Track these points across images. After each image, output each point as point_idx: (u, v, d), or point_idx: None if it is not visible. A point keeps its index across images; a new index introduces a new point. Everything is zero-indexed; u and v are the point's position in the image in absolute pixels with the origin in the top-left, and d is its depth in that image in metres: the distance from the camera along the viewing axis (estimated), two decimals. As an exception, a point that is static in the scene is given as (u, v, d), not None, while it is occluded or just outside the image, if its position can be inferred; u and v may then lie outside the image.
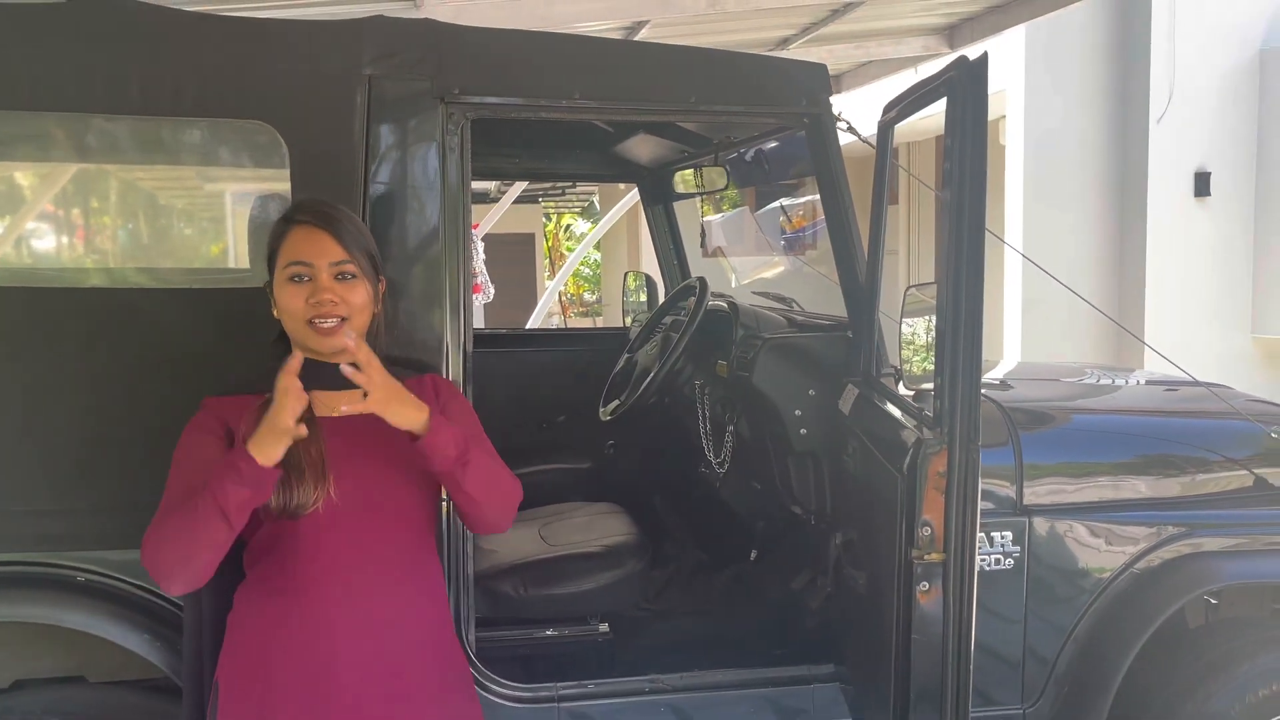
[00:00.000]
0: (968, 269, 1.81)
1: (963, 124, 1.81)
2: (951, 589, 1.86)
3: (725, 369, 2.93)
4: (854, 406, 2.42)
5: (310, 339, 1.89)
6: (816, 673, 2.67)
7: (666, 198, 4.20)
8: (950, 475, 1.83)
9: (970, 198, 1.79)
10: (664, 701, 2.62)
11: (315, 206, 1.97)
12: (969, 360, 1.82)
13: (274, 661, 1.89)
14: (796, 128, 2.63)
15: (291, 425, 1.75)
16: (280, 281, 1.90)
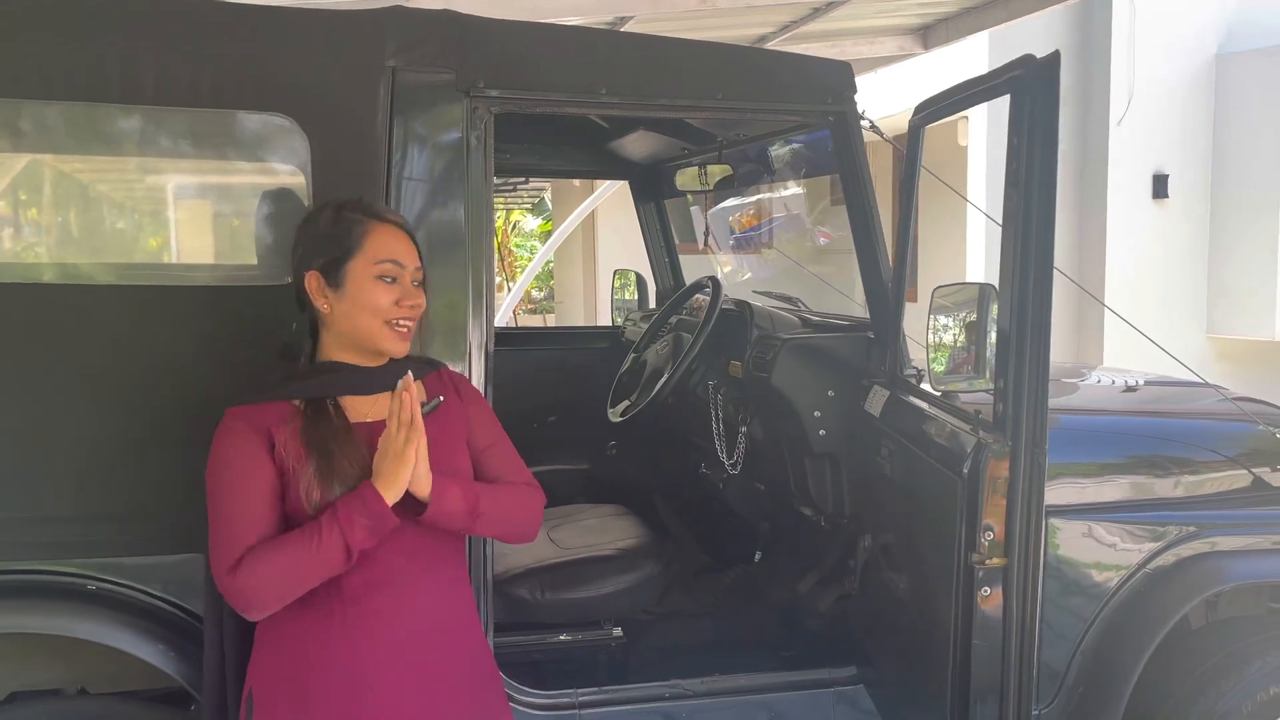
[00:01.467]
0: (1036, 272, 1.79)
1: (1031, 124, 1.79)
2: (1016, 594, 1.84)
3: (740, 369, 2.90)
4: (886, 408, 2.40)
5: (385, 340, 1.87)
6: (837, 676, 2.66)
7: (659, 195, 4.16)
8: (1016, 480, 1.81)
9: (1039, 199, 1.77)
10: (685, 707, 2.59)
11: (387, 210, 1.94)
12: (1036, 364, 1.80)
13: (315, 671, 1.84)
14: (821, 125, 2.61)
15: (412, 455, 1.76)
16: (366, 277, 1.86)
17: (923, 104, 2.38)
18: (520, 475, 2.08)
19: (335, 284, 1.87)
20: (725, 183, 3.60)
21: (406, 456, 1.76)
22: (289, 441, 1.81)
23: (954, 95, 2.21)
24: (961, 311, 2.34)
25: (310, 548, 1.75)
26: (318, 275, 1.87)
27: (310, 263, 1.88)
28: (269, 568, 1.76)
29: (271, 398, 1.87)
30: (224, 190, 2.47)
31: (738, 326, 2.97)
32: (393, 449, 1.77)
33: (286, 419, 1.84)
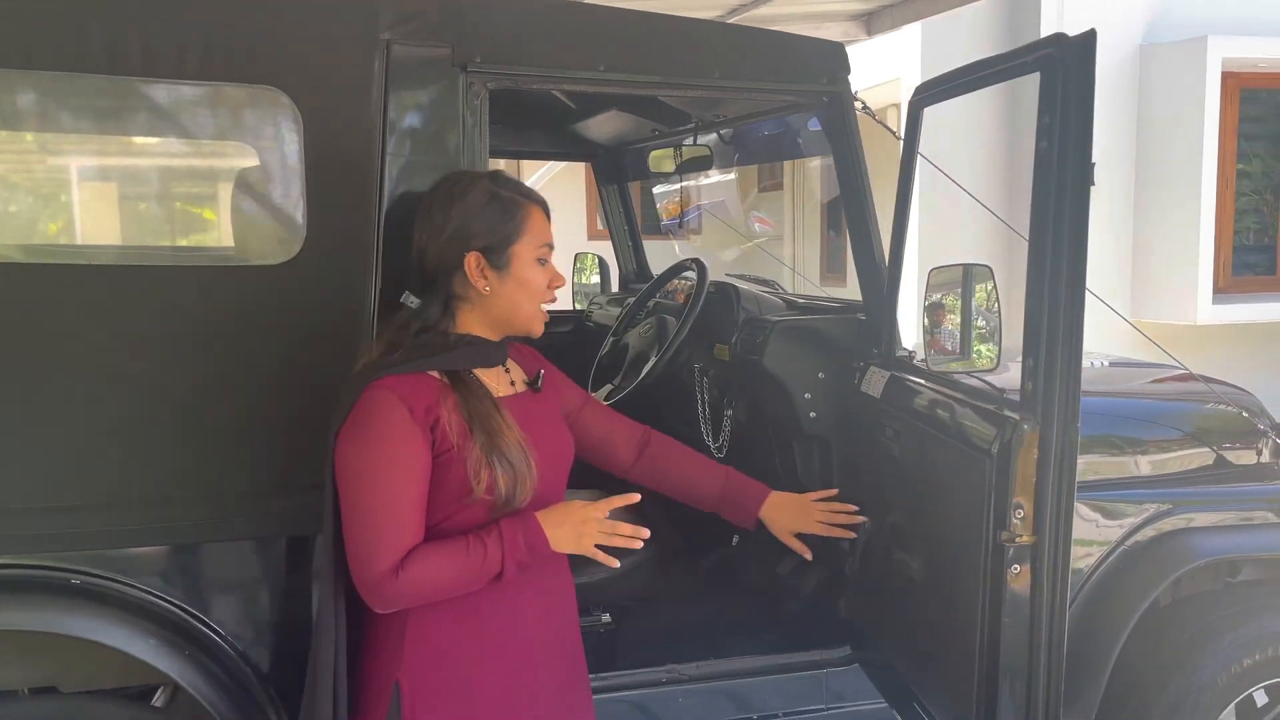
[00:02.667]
0: (1070, 252, 1.79)
1: (1064, 102, 1.79)
2: (1046, 570, 1.86)
3: (727, 352, 2.88)
4: (888, 389, 2.40)
5: (536, 320, 1.93)
6: (829, 657, 2.67)
7: (622, 177, 4.12)
8: (1047, 458, 1.82)
9: (1074, 178, 1.77)
10: (682, 691, 2.57)
11: (531, 189, 1.95)
12: (1069, 344, 1.81)
13: (474, 657, 1.85)
14: (815, 106, 2.59)
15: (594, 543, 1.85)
16: (530, 262, 1.89)
17: (924, 85, 2.38)
18: (624, 421, 2.24)
19: (499, 266, 1.88)
20: (702, 163, 3.58)
21: (595, 538, 1.84)
22: (452, 417, 1.78)
23: (965, 75, 2.21)
24: (957, 292, 2.36)
25: (474, 564, 1.76)
26: (479, 256, 1.86)
27: (470, 243, 1.87)
28: (433, 576, 1.75)
29: (420, 368, 1.82)
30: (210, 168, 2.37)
31: (723, 309, 2.95)
32: (597, 528, 1.83)
33: (439, 393, 1.81)
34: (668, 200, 11.05)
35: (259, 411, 2.17)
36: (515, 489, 1.80)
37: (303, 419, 2.18)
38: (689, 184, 10.46)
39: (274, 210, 2.27)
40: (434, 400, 1.79)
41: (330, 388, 2.18)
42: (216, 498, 2.17)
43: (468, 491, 1.78)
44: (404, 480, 1.76)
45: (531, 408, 1.94)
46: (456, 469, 1.77)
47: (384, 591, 1.74)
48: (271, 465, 2.19)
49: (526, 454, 1.82)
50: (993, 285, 2.35)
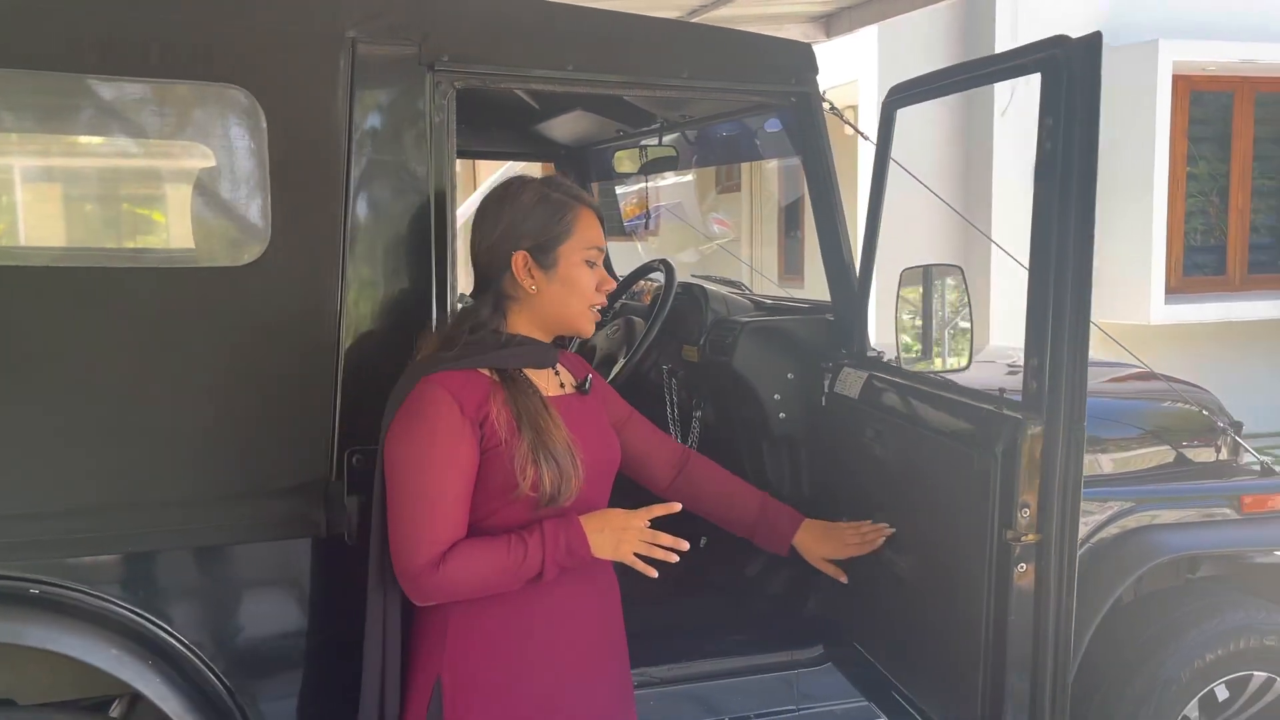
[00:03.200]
0: (1076, 256, 1.80)
1: (1069, 106, 1.79)
2: (1053, 567, 1.86)
3: (695, 353, 2.87)
4: (867, 390, 2.40)
5: (584, 321, 1.94)
6: (800, 657, 2.67)
7: (586, 177, 4.10)
8: (1053, 456, 1.83)
9: (1080, 177, 1.78)
10: (652, 695, 2.56)
11: (585, 192, 1.97)
12: (1076, 344, 1.81)
13: (515, 655, 1.86)
14: (783, 107, 2.59)
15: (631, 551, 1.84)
16: (576, 262, 1.90)
17: (899, 86, 2.39)
18: (666, 439, 2.26)
19: (546, 266, 1.90)
20: (667, 164, 3.56)
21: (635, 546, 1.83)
22: (501, 413, 1.80)
23: (946, 78, 2.22)
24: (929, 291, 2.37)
25: (514, 562, 1.77)
26: (526, 256, 1.89)
27: (518, 243, 1.89)
28: (473, 572, 1.77)
29: (472, 365, 1.85)
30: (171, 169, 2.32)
31: (691, 310, 2.94)
32: (637, 536, 1.83)
33: (490, 389, 1.83)
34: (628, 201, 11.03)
35: (222, 416, 2.13)
36: (561, 487, 1.81)
37: (267, 423, 2.15)
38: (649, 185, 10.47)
39: (237, 211, 2.23)
40: (484, 396, 1.82)
41: (295, 390, 2.16)
42: (180, 504, 2.12)
43: (513, 487, 1.79)
44: (450, 475, 1.78)
45: (579, 410, 1.97)
46: (503, 464, 1.80)
47: (423, 584, 1.76)
48: (236, 471, 2.15)
49: (573, 454, 1.83)
50: (963, 284, 2.37)
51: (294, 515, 2.19)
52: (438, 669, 1.86)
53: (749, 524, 2.31)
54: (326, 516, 2.19)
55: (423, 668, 1.89)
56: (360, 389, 2.18)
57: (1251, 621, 2.86)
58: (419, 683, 1.89)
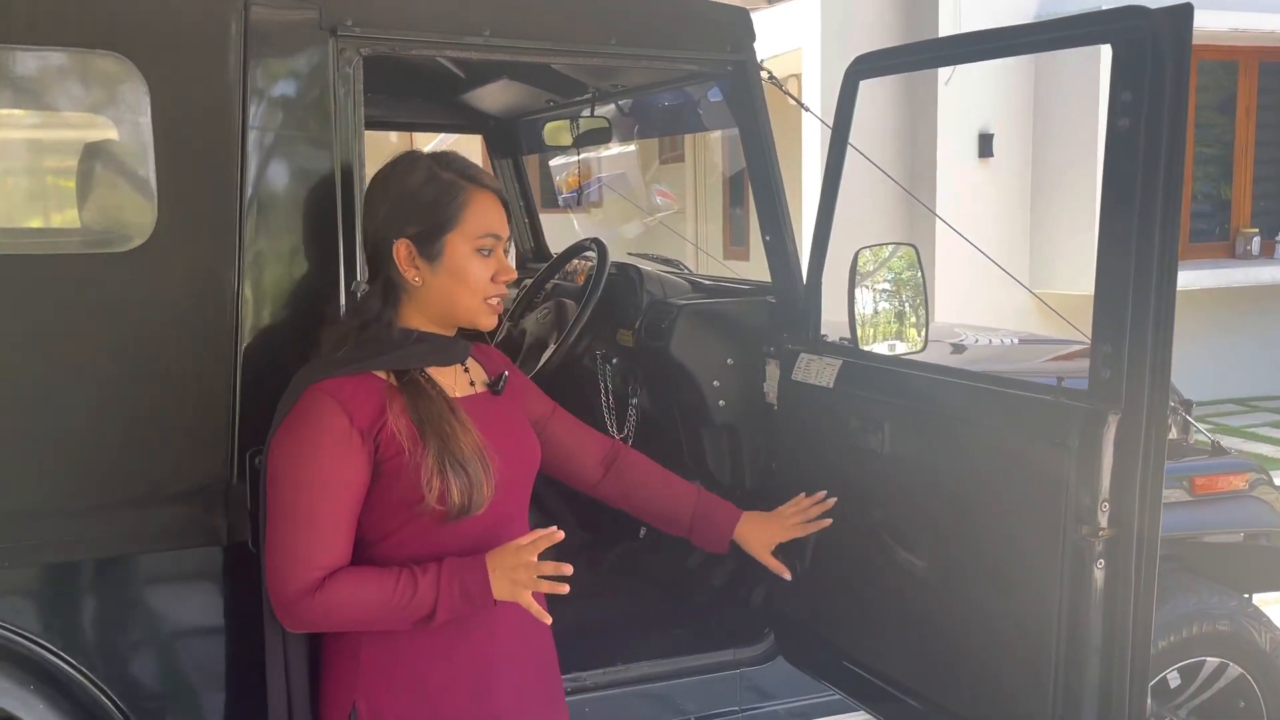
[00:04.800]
0: (1163, 237, 1.67)
1: (1155, 80, 1.64)
2: (1135, 563, 1.74)
3: (630, 338, 2.72)
4: (844, 378, 2.24)
5: (481, 315, 1.75)
6: (743, 656, 2.55)
7: (516, 150, 3.92)
8: (1135, 447, 1.71)
9: (1167, 158, 1.64)
10: (587, 700, 2.42)
11: (482, 172, 1.76)
12: (1160, 331, 1.70)
13: (436, 681, 1.71)
14: (719, 76, 2.44)
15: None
16: (466, 251, 1.71)
17: (863, 56, 2.25)
18: (593, 434, 2.10)
19: (430, 256, 1.71)
20: (599, 136, 3.39)
21: (528, 585, 1.63)
22: (400, 421, 1.64)
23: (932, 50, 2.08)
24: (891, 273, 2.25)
25: (400, 600, 1.61)
26: (409, 244, 1.70)
27: (400, 230, 1.70)
28: (353, 604, 1.62)
29: (365, 368, 1.68)
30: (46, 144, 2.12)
31: (626, 291, 2.78)
32: (528, 573, 1.62)
33: (386, 395, 1.67)
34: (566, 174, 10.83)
35: (109, 416, 1.95)
36: (471, 498, 1.65)
37: (159, 423, 1.97)
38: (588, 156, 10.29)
39: (121, 191, 2.04)
40: (379, 404, 1.66)
41: (189, 386, 1.98)
42: (62, 513, 1.94)
43: (418, 500, 1.63)
44: (334, 494, 1.63)
45: (493, 410, 1.80)
46: (405, 476, 1.64)
47: (297, 610, 1.62)
48: (125, 475, 1.97)
49: (484, 460, 1.67)
50: (918, 264, 2.26)
51: (191, 522, 2.02)
52: (352, 695, 1.70)
53: (685, 521, 2.16)
54: (228, 522, 2.02)
55: (335, 694, 1.73)
56: (262, 383, 2.01)
57: (1204, 607, 2.78)
58: (333, 710, 1.74)
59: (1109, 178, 1.73)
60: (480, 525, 1.70)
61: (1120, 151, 1.72)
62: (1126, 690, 1.76)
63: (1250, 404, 8.37)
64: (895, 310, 2.34)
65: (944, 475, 2.01)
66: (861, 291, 2.32)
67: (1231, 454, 3.02)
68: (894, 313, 2.34)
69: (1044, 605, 1.82)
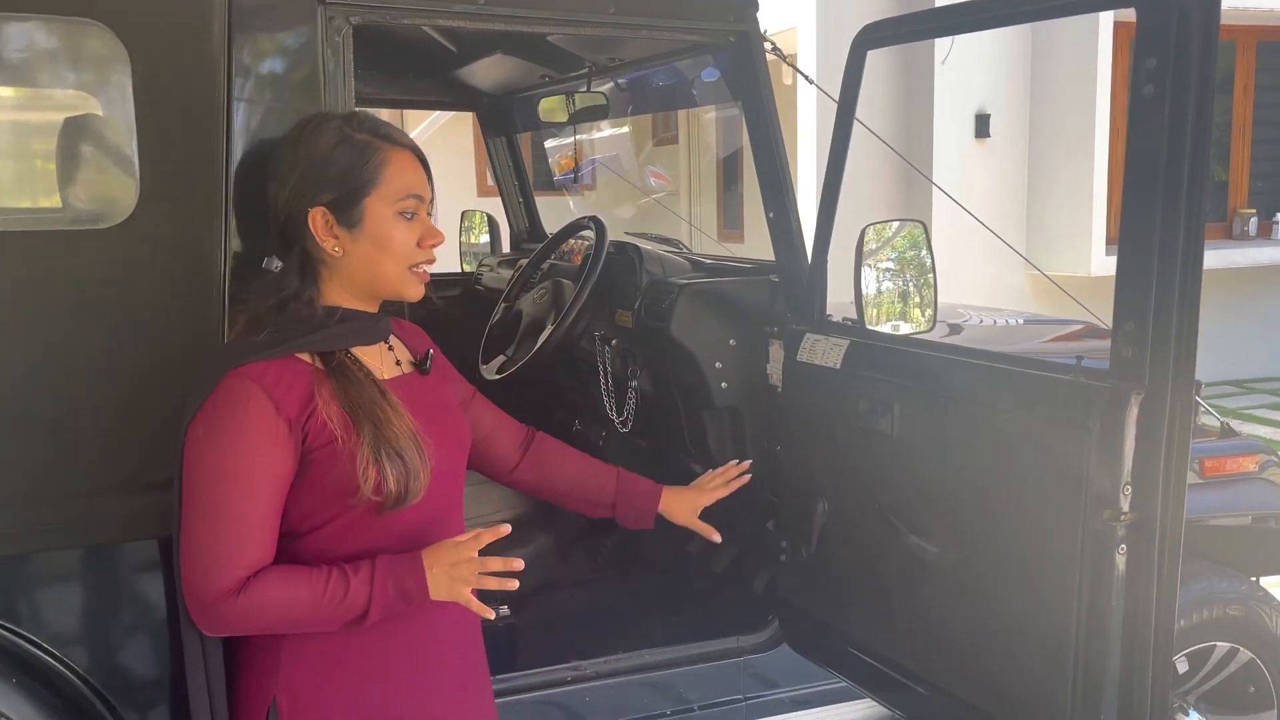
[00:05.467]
0: (1188, 210, 1.60)
1: (1181, 45, 1.57)
2: (1158, 547, 1.68)
3: (630, 318, 2.65)
4: (851, 359, 2.17)
5: (408, 285, 1.64)
6: (747, 643, 2.49)
7: (510, 128, 3.83)
8: (1159, 427, 1.65)
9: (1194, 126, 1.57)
10: (588, 690, 2.36)
11: (397, 130, 1.65)
12: (1187, 307, 1.63)
13: (361, 665, 1.62)
14: (721, 47, 2.36)
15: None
16: (386, 215, 1.60)
17: (872, 25, 2.17)
18: (509, 420, 2.02)
19: (349, 224, 1.59)
20: (596, 113, 3.31)
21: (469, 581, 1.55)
22: (330, 407, 1.54)
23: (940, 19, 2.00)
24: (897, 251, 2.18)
25: (331, 600, 1.52)
26: (325, 212, 1.59)
27: (314, 197, 1.59)
28: (278, 605, 1.52)
29: (289, 351, 1.56)
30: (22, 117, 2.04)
31: (625, 271, 2.71)
32: (470, 570, 1.54)
33: (313, 380, 1.56)
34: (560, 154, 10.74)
35: (91, 399, 1.88)
36: (408, 486, 1.55)
37: (143, 406, 1.90)
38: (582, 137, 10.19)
39: (101, 167, 1.97)
40: (307, 389, 1.55)
41: (173, 367, 1.91)
42: (47, 500, 1.87)
43: (354, 491, 1.54)
44: (259, 489, 1.52)
45: (422, 390, 1.70)
46: (339, 465, 1.54)
47: (219, 612, 1.52)
48: (111, 461, 1.90)
49: (419, 445, 1.57)
50: (926, 241, 2.19)
51: (176, 509, 1.94)
52: (272, 689, 1.61)
53: (608, 501, 2.08)
54: None
55: (254, 689, 1.64)
56: (251, 365, 1.93)
57: (1213, 591, 2.73)
58: (251, 706, 1.64)
59: (1132, 148, 1.66)
60: (416, 515, 1.61)
61: (1144, 120, 1.65)
62: (1149, 678, 1.71)
63: (1248, 386, 8.33)
64: (901, 289, 2.28)
65: (957, 458, 1.95)
66: (867, 270, 2.25)
67: (1241, 436, 2.98)
68: (900, 292, 2.28)
69: (1063, 592, 1.76)
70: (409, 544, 1.60)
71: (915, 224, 2.25)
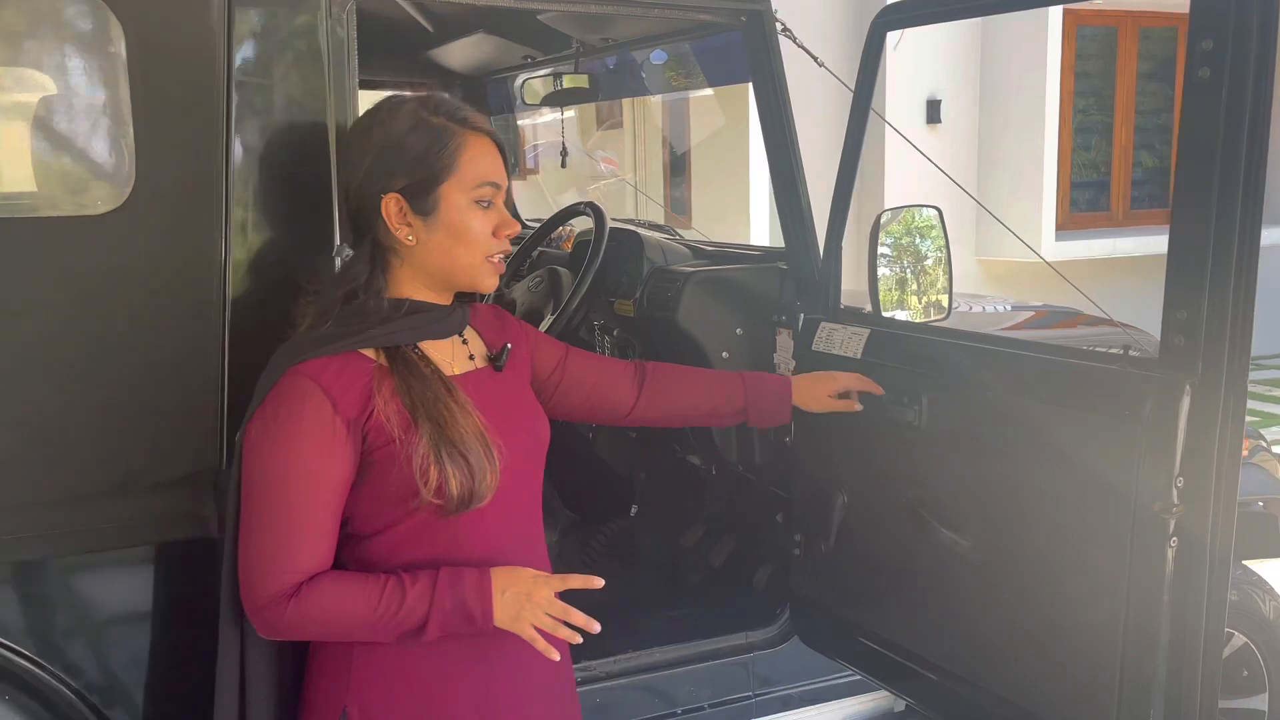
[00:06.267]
0: (1247, 196, 1.56)
1: (1240, 26, 1.52)
2: (1210, 540, 1.64)
3: (630, 307, 2.58)
4: (872, 348, 2.12)
5: (483, 275, 1.57)
6: (756, 639, 2.44)
7: (485, 110, 3.72)
8: (1213, 418, 1.61)
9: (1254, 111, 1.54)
10: (599, 691, 2.29)
11: (475, 114, 1.56)
12: (1242, 295, 1.59)
13: (435, 671, 1.54)
14: (733, 27, 2.30)
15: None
16: (464, 204, 1.52)
17: (892, 6, 2.11)
18: (613, 361, 1.97)
19: (424, 211, 1.51)
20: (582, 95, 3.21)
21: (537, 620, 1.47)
22: (390, 406, 1.47)
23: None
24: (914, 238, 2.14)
25: (386, 613, 1.45)
26: (399, 199, 1.51)
27: (388, 183, 1.51)
28: (332, 614, 1.46)
29: (350, 347, 1.49)
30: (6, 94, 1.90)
31: (625, 259, 2.63)
32: (543, 608, 1.48)
33: (374, 377, 1.49)
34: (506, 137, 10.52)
35: (84, 398, 1.77)
36: (472, 490, 1.47)
37: (140, 404, 1.79)
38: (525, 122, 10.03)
39: (93, 148, 1.84)
40: (367, 387, 1.47)
41: (171, 362, 1.81)
42: (36, 505, 1.76)
43: (414, 494, 1.46)
44: (312, 492, 1.46)
45: (496, 386, 1.62)
46: (399, 467, 1.46)
47: (271, 617, 1.47)
48: (104, 462, 1.80)
49: (488, 445, 1.49)
50: (942, 226, 2.15)
51: (177, 511, 1.85)
52: (343, 698, 1.54)
53: (740, 403, 2.01)
54: (218, 510, 1.85)
55: (324, 697, 1.57)
56: (251, 358, 1.82)
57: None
58: (321, 715, 1.57)
59: (1186, 132, 1.63)
60: (486, 519, 1.53)
61: (1199, 104, 1.61)
62: (1199, 674, 1.68)
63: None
64: (917, 276, 2.24)
65: (994, 449, 1.91)
66: (882, 257, 2.20)
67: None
68: (916, 279, 2.24)
69: (1109, 585, 1.73)
70: (482, 548, 1.53)
71: (931, 209, 2.21)
